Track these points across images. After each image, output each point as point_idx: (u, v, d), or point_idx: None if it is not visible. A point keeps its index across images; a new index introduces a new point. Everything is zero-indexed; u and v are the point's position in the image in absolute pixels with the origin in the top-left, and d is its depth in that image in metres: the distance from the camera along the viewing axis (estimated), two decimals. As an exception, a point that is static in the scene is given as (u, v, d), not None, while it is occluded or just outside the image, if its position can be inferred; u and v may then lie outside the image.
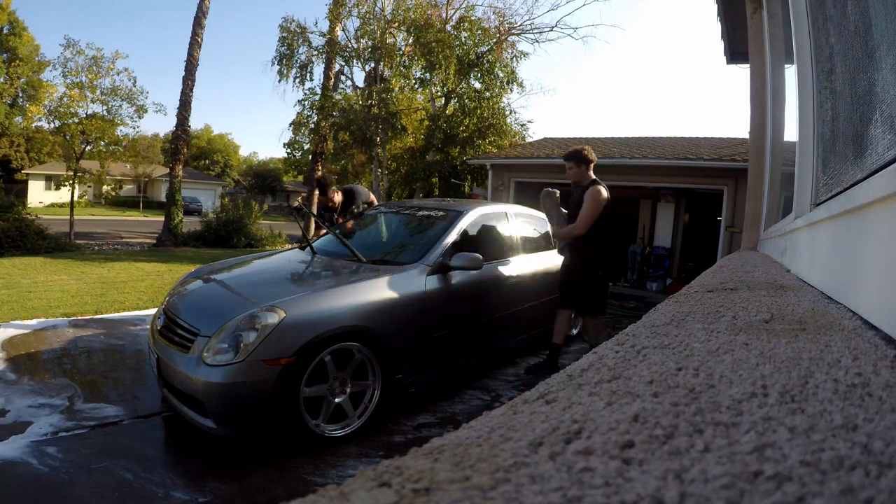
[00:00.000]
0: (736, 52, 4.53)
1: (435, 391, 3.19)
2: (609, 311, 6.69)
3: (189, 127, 13.32)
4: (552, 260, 4.29)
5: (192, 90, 12.78)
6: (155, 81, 46.48)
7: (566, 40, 36.92)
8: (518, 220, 4.17)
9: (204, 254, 10.63)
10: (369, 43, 13.17)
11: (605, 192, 3.46)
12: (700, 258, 8.93)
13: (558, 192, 3.81)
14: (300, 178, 26.61)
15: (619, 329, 0.98)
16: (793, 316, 0.84)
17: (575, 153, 3.64)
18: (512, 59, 13.96)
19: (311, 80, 13.88)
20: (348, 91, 14.47)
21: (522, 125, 14.77)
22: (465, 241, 3.41)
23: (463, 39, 13.24)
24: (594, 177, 3.61)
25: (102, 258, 9.01)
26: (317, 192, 4.83)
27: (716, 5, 4.00)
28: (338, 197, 4.67)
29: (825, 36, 1.38)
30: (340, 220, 4.48)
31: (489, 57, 13.34)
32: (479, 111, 13.18)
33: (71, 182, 13.35)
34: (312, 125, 14.11)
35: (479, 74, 13.54)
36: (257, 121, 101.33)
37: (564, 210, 3.79)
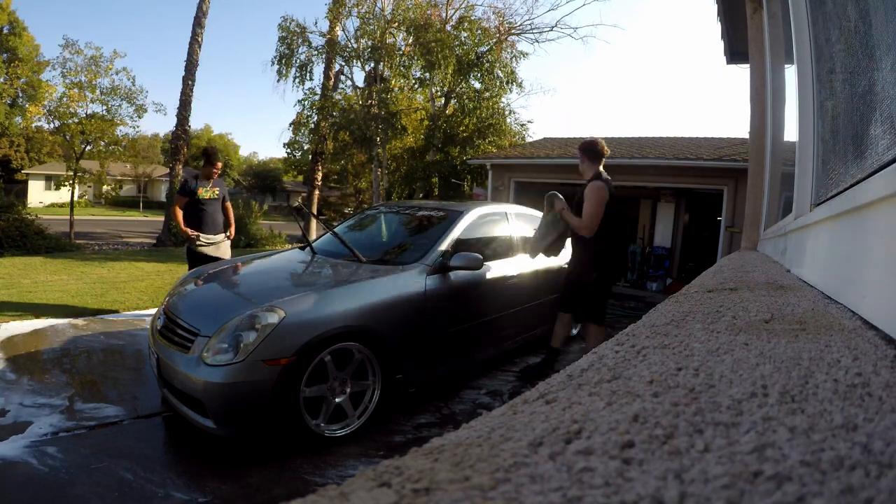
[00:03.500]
0: (736, 52, 4.53)
1: (435, 391, 3.19)
2: (609, 311, 6.72)
3: (189, 127, 13.31)
4: (552, 260, 4.29)
5: (192, 90, 12.77)
6: (155, 81, 46.66)
7: (566, 40, 36.98)
8: (518, 221, 4.17)
9: (204, 254, 10.60)
10: (369, 43, 13.17)
11: (605, 188, 3.28)
12: (700, 258, 8.94)
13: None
14: (300, 178, 26.63)
15: (619, 329, 0.98)
16: (793, 316, 0.84)
17: (583, 143, 3.53)
18: (512, 59, 13.97)
19: (311, 80, 13.89)
20: (348, 91, 14.48)
21: (522, 125, 14.80)
22: (465, 242, 3.41)
23: (463, 39, 13.25)
24: (599, 171, 3.42)
25: (102, 258, 9.01)
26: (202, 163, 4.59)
27: (716, 5, 3.99)
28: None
29: (825, 36, 1.38)
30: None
31: (489, 57, 13.34)
32: (478, 111, 13.18)
33: (71, 182, 13.35)
34: (312, 125, 14.12)
35: (479, 74, 13.54)
36: (257, 121, 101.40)
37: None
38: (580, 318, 3.72)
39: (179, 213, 4.37)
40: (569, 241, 3.63)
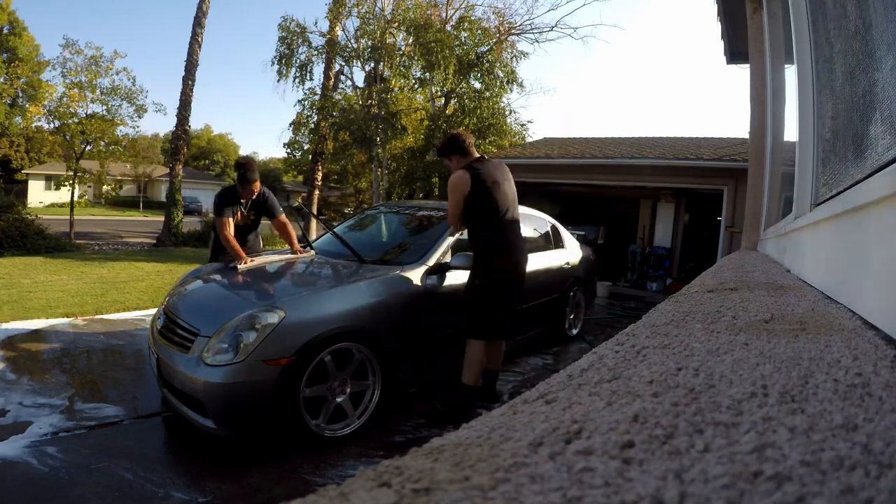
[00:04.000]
0: (736, 52, 4.53)
1: (435, 391, 3.19)
2: (609, 311, 6.73)
3: (189, 127, 13.32)
4: (552, 259, 4.29)
5: (192, 90, 12.77)
6: (155, 81, 46.63)
7: (566, 40, 36.96)
8: (518, 220, 4.16)
9: (204, 254, 10.61)
10: (369, 43, 13.16)
11: (463, 175, 2.75)
12: (700, 258, 8.93)
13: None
14: (300, 178, 26.60)
15: (619, 329, 0.98)
16: (793, 316, 0.84)
17: (439, 145, 3.02)
18: (512, 59, 13.95)
19: (311, 79, 13.84)
20: (348, 91, 14.47)
21: (522, 125, 14.78)
22: (466, 241, 3.41)
23: (463, 39, 13.24)
24: (465, 164, 2.87)
25: (102, 258, 9.01)
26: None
27: (716, 5, 4.00)
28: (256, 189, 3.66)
29: (825, 36, 1.38)
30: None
31: (489, 57, 13.33)
32: (478, 111, 13.16)
33: (71, 182, 13.35)
34: (312, 125, 14.11)
35: (479, 74, 13.53)
36: (257, 121, 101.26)
37: None
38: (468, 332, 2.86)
39: (229, 231, 3.44)
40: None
